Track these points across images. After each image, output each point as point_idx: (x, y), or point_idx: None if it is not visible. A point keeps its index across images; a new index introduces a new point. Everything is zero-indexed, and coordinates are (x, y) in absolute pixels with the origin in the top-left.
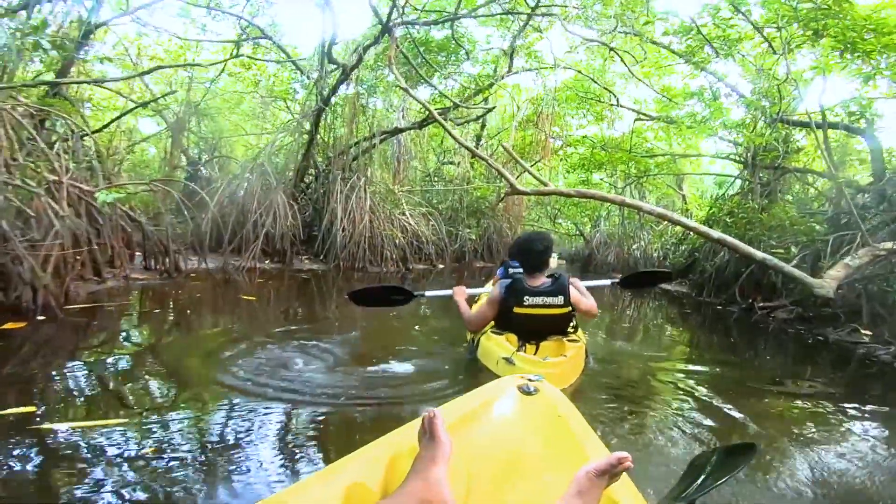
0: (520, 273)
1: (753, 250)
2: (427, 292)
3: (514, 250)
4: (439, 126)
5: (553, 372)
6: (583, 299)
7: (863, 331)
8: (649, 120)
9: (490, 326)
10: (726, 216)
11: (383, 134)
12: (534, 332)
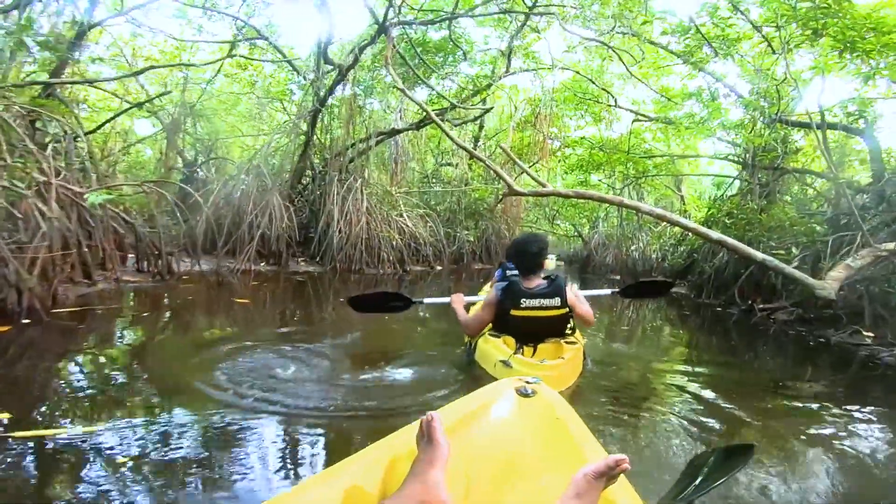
0: (516, 275)
1: (753, 251)
2: (426, 299)
3: (510, 253)
4: (437, 127)
5: (550, 374)
6: (579, 303)
7: (865, 333)
8: (647, 121)
9: (487, 329)
10: (725, 217)
11: (380, 135)
12: (531, 335)
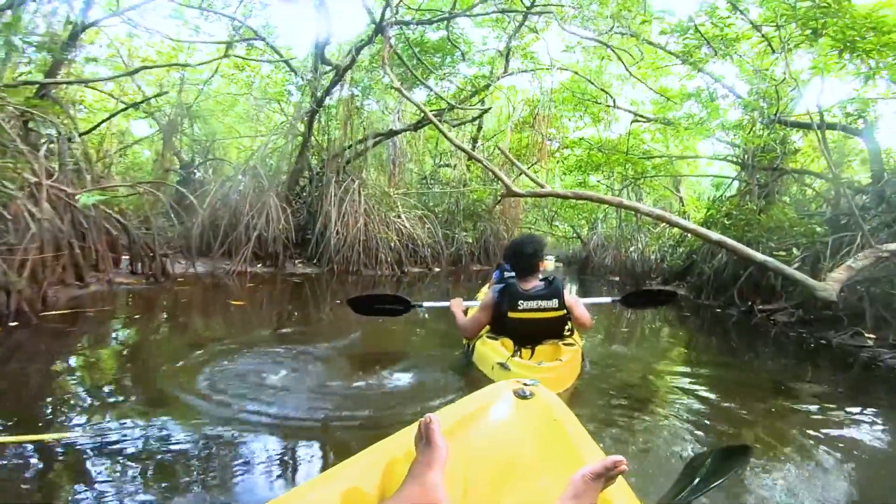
0: (513, 277)
1: (754, 252)
2: (425, 303)
3: (506, 254)
4: (435, 128)
5: (548, 377)
6: (577, 306)
7: (866, 334)
8: (646, 121)
9: (485, 331)
10: (724, 218)
11: (378, 136)
12: (529, 337)
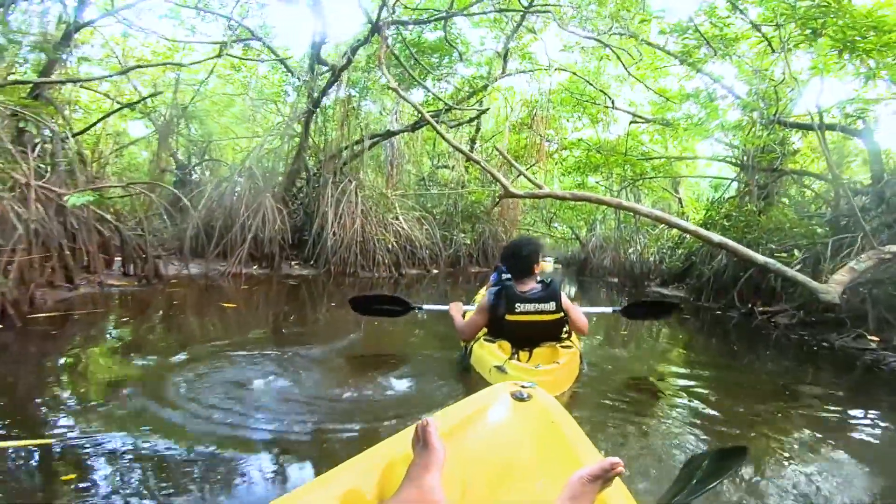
0: (510, 279)
1: (755, 254)
2: (425, 305)
3: (502, 256)
4: (433, 129)
5: (545, 379)
6: (574, 309)
7: (870, 337)
8: (645, 122)
9: (483, 334)
10: (723, 219)
11: (375, 137)
12: (526, 339)
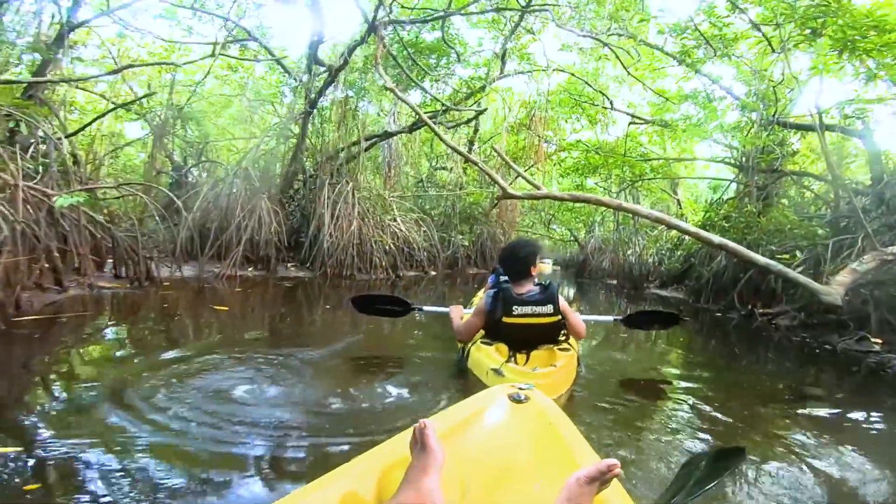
0: (507, 281)
1: (756, 256)
2: (425, 307)
3: (500, 258)
4: (431, 130)
5: (543, 382)
6: (571, 313)
7: (872, 339)
8: (644, 123)
9: (480, 336)
10: (722, 221)
11: (372, 138)
12: (524, 342)
